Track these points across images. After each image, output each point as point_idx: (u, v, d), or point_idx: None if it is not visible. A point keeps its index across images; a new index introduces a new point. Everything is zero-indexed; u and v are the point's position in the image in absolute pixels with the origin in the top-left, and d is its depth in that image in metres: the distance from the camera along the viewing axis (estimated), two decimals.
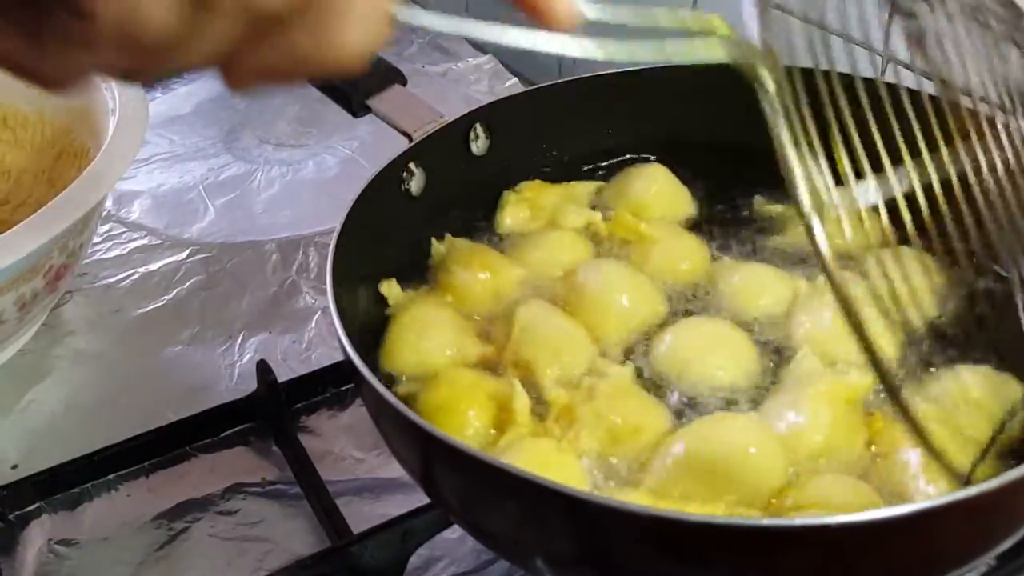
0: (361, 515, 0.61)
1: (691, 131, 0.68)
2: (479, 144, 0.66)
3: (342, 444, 0.67)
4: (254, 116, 1.06)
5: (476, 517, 0.47)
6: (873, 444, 0.50)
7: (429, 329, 0.57)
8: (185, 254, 0.87)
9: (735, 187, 0.68)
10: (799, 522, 0.36)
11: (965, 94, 0.44)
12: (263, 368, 0.68)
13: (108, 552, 0.61)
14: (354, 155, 1.00)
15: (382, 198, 0.59)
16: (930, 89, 0.45)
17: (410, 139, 0.61)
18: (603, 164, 0.71)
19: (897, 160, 0.40)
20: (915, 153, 0.41)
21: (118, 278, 0.84)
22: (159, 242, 0.89)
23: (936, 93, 0.44)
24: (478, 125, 0.66)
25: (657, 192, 0.67)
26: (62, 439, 0.69)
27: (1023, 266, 0.44)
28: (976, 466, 0.41)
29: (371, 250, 0.58)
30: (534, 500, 0.40)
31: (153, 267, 0.85)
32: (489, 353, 0.57)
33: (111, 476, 0.65)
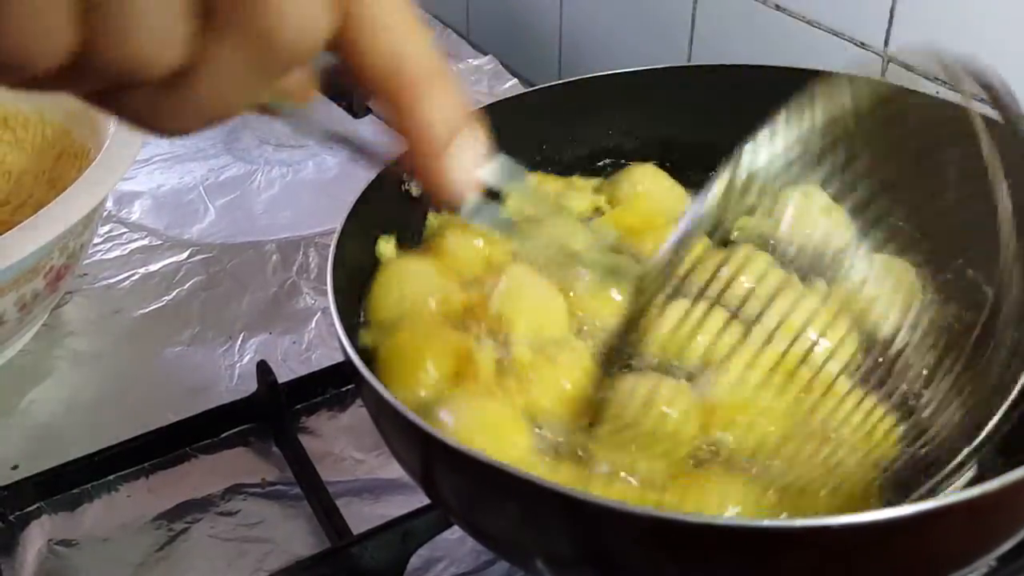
0: (361, 516, 0.61)
1: (690, 133, 0.68)
2: None
3: (342, 445, 0.67)
4: (254, 117, 1.05)
5: (476, 518, 0.47)
6: None
7: (413, 277, 0.56)
8: (185, 255, 0.87)
9: None
10: (799, 523, 0.36)
11: None
12: (263, 369, 0.68)
13: (108, 552, 0.61)
14: None
15: (382, 198, 0.59)
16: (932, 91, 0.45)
17: None
18: (602, 165, 0.71)
19: None
20: None
21: (118, 279, 0.84)
22: (159, 243, 0.89)
23: None
24: None
25: (654, 191, 0.67)
26: (62, 440, 0.69)
27: None
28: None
29: (371, 250, 0.59)
30: (534, 501, 0.40)
31: (153, 268, 0.85)
32: (472, 303, 0.55)
33: (111, 477, 0.65)
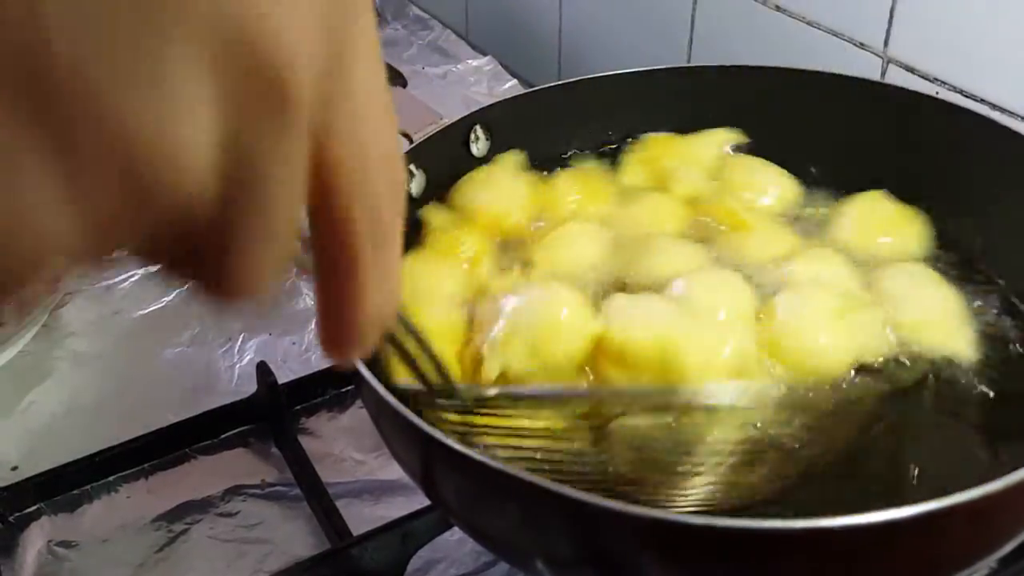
0: (361, 517, 0.61)
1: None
2: (479, 146, 0.66)
3: (342, 446, 0.67)
4: None
5: (476, 519, 0.47)
6: None
7: (414, 276, 0.56)
8: None
9: None
10: (800, 524, 0.36)
11: None
12: (263, 370, 0.68)
13: (108, 553, 0.61)
14: None
15: None
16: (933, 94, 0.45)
17: (410, 140, 0.61)
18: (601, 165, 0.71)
19: None
20: None
21: (118, 279, 0.84)
22: None
23: None
24: (478, 127, 0.65)
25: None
26: (62, 440, 0.69)
27: None
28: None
29: None
30: (534, 502, 0.40)
31: (153, 268, 0.85)
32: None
33: (111, 478, 0.65)
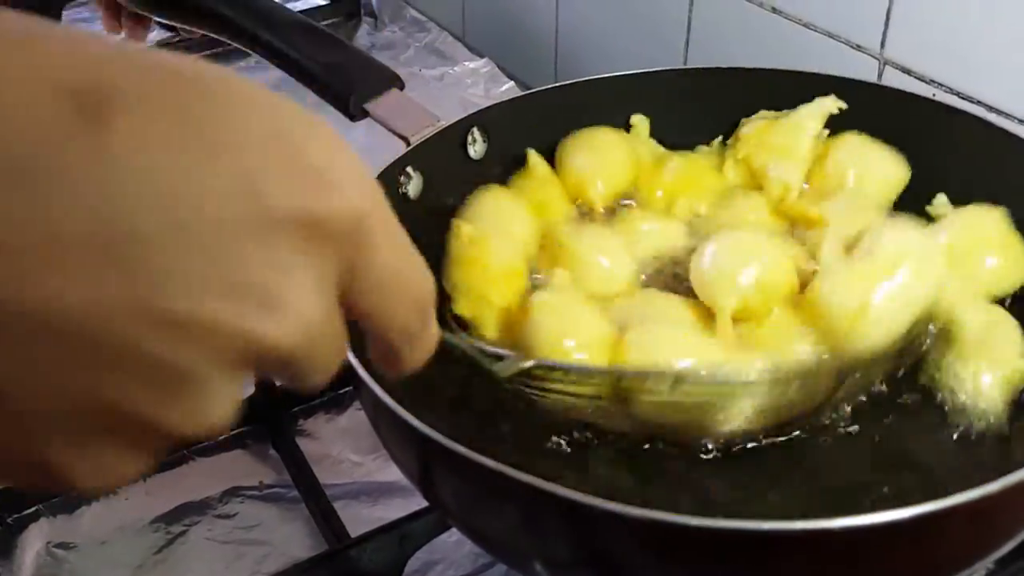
0: (359, 518, 0.61)
1: (689, 135, 0.68)
2: (476, 148, 0.66)
3: (340, 447, 0.67)
4: None
5: (474, 520, 0.47)
6: None
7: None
8: None
9: None
10: (800, 525, 0.36)
11: None
12: None
13: (106, 555, 0.61)
14: None
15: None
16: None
17: (407, 143, 0.61)
18: None
19: None
20: None
21: None
22: None
23: None
24: (475, 129, 0.65)
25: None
26: None
27: None
28: None
29: None
30: (532, 503, 0.40)
31: None
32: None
33: None
